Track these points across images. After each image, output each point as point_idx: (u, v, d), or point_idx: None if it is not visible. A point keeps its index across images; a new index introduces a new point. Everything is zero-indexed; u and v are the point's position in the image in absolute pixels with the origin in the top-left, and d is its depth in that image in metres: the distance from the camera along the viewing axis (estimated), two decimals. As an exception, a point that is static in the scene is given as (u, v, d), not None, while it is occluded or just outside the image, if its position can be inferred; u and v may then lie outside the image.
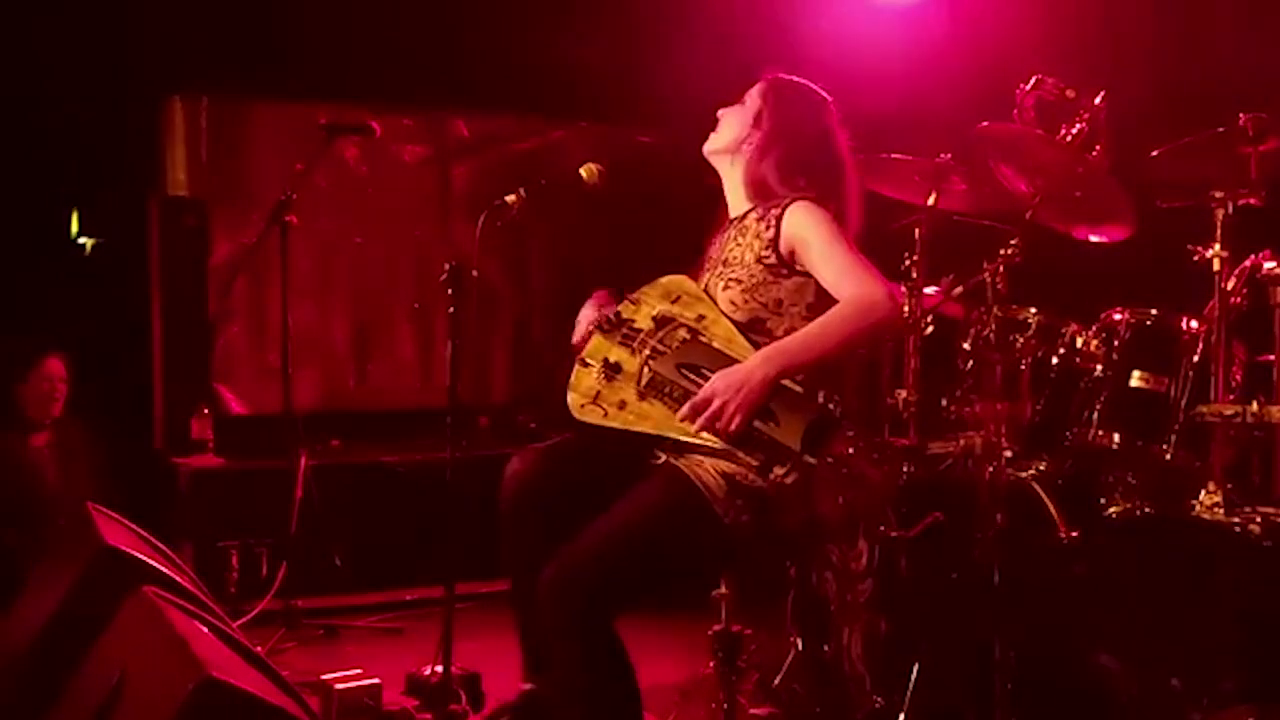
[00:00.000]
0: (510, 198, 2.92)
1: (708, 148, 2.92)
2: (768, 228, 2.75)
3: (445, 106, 5.94)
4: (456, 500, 3.20)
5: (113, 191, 5.23)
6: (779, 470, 2.50)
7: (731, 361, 2.62)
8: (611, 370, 2.74)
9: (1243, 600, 2.77)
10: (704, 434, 2.57)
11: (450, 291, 3.16)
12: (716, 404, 2.54)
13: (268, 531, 4.66)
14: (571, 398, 2.77)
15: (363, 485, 5.01)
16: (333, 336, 5.79)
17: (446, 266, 3.19)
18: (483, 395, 5.89)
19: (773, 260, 2.73)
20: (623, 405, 2.70)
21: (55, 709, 2.38)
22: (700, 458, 2.61)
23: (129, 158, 5.26)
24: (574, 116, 5.93)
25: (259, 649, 2.72)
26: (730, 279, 2.76)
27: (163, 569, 2.62)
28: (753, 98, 2.90)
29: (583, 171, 2.90)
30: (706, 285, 2.84)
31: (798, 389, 2.56)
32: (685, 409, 2.58)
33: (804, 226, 2.71)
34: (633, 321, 2.80)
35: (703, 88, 3.22)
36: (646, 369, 2.71)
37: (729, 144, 2.89)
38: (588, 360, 2.79)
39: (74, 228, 5.35)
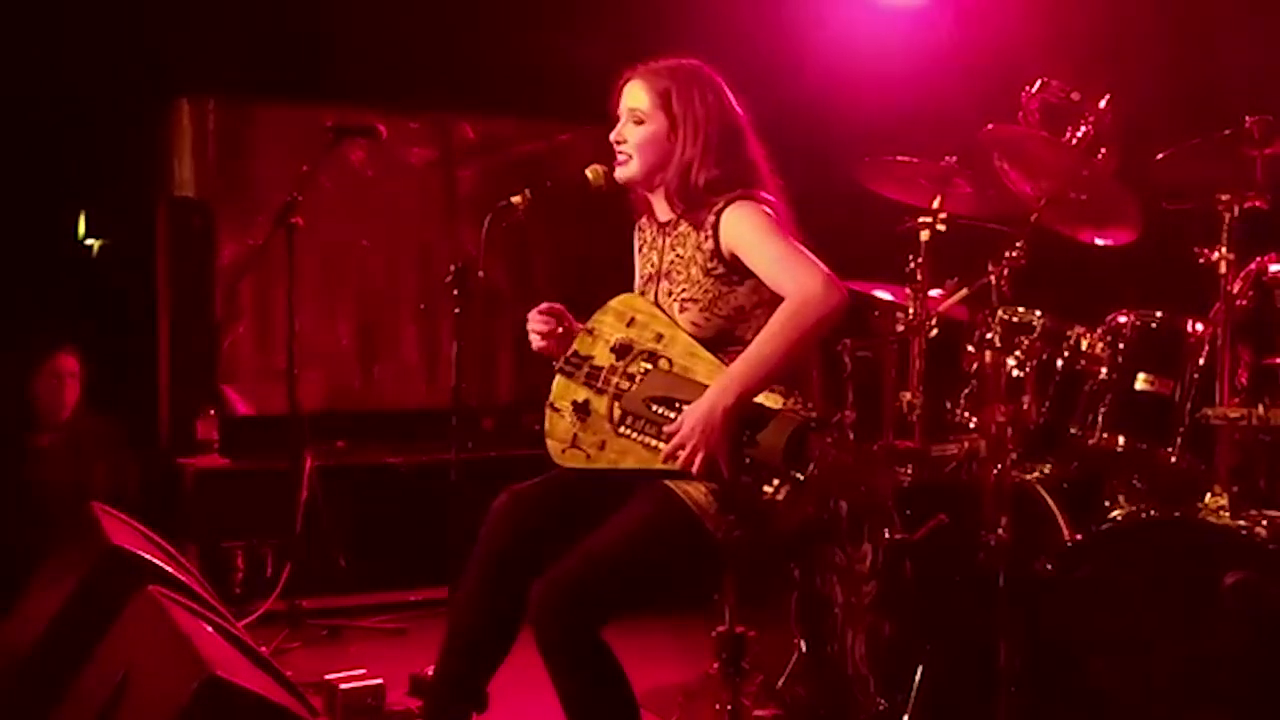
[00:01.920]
0: (516, 199, 2.91)
1: (626, 177, 2.78)
2: (706, 238, 2.68)
3: (451, 109, 5.94)
4: (460, 501, 3.20)
5: (119, 193, 5.25)
6: (768, 489, 2.49)
7: (694, 385, 2.58)
8: (582, 412, 2.70)
9: (1248, 603, 2.76)
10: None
11: (456, 293, 3.16)
12: (688, 448, 2.51)
13: (272, 532, 4.67)
14: (550, 444, 2.74)
15: (367, 486, 5.02)
16: (338, 338, 5.80)
17: (452, 268, 3.20)
18: (487, 397, 5.90)
19: (720, 270, 2.67)
20: (603, 445, 2.67)
21: (59, 708, 2.39)
22: (688, 478, 2.59)
23: (136, 159, 5.28)
24: (579, 118, 5.93)
25: (263, 649, 2.73)
26: (685, 299, 2.70)
27: (167, 568, 2.63)
28: (646, 111, 2.74)
29: (588, 173, 2.89)
30: (656, 299, 2.78)
31: (769, 404, 2.53)
32: (662, 457, 2.55)
33: (738, 227, 2.65)
34: (592, 358, 2.75)
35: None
36: (615, 407, 2.67)
37: (652, 172, 2.76)
38: (557, 405, 2.75)
39: (81, 229, 5.36)
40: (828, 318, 2.54)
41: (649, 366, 2.68)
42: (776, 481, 2.48)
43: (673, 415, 2.57)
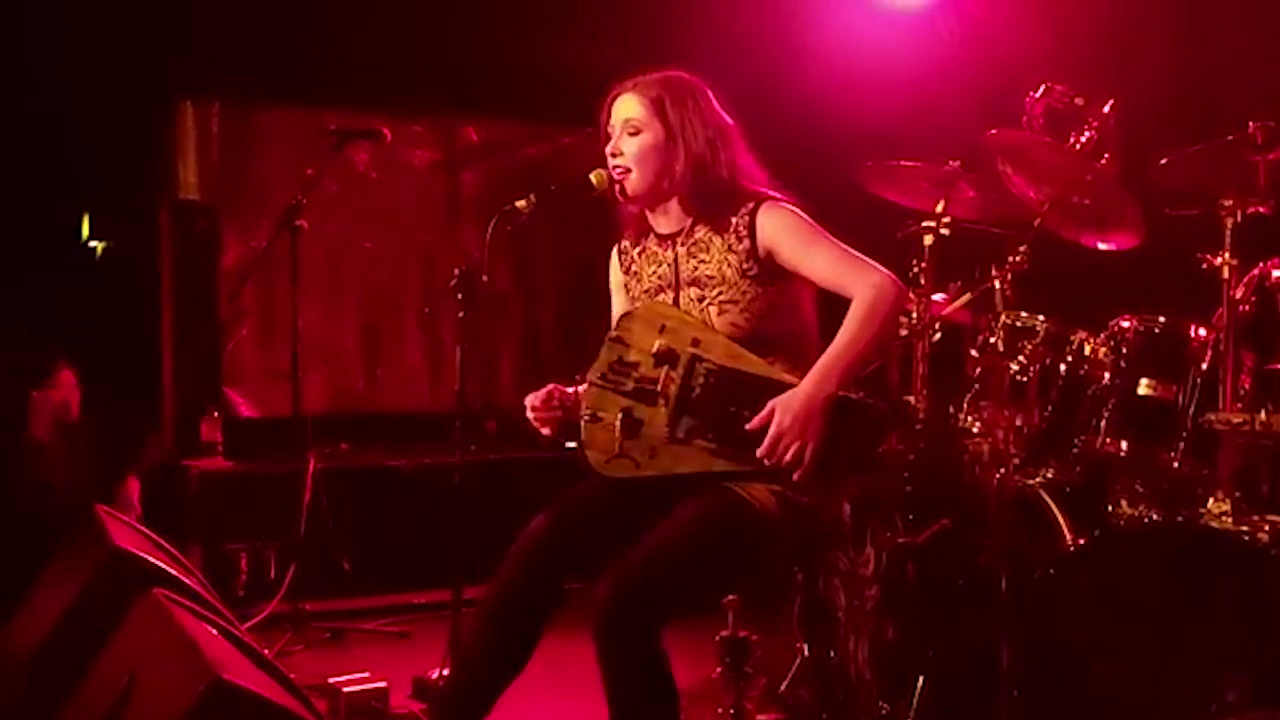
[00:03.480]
0: (520, 203, 2.91)
1: (634, 192, 2.78)
2: (739, 239, 2.71)
3: (455, 112, 5.95)
4: (464, 504, 3.20)
5: (124, 195, 5.25)
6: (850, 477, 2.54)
7: (770, 382, 2.60)
8: (632, 421, 2.67)
9: (1250, 608, 2.76)
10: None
11: (459, 296, 3.17)
12: (788, 440, 2.53)
13: (276, 534, 4.67)
14: (591, 456, 2.69)
15: (371, 489, 5.02)
16: (342, 340, 5.81)
17: (456, 271, 3.21)
18: (491, 399, 5.90)
19: (755, 271, 2.70)
20: (654, 453, 2.65)
21: (65, 710, 2.39)
22: (749, 480, 2.61)
23: (140, 161, 5.28)
24: (583, 122, 5.93)
25: (267, 651, 2.73)
26: (724, 302, 2.72)
27: (172, 571, 2.64)
28: (641, 120, 2.76)
29: (592, 177, 2.89)
30: (678, 305, 2.78)
31: (854, 395, 2.58)
32: (761, 451, 2.55)
33: (779, 229, 2.69)
34: (637, 365, 2.71)
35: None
36: (679, 411, 2.64)
37: (655, 180, 2.77)
38: (599, 415, 2.70)
39: (85, 231, 5.37)
40: (897, 309, 2.69)
41: (709, 368, 2.66)
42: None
43: (747, 414, 2.58)
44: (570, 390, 2.82)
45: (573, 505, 2.75)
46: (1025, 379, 3.33)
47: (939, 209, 3.75)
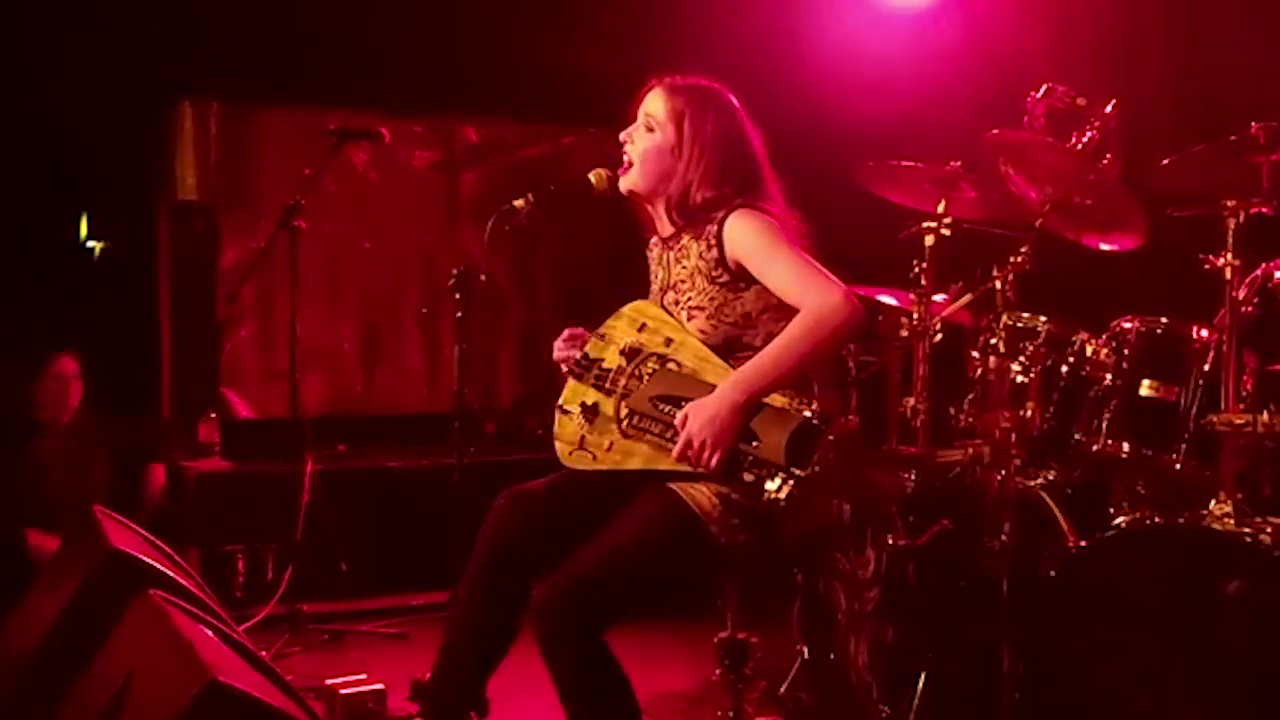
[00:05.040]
0: (519, 203, 2.91)
1: (628, 187, 2.81)
2: (709, 247, 2.70)
3: (454, 112, 5.95)
4: (462, 505, 3.19)
5: (122, 195, 5.25)
6: (771, 488, 2.50)
7: (700, 385, 2.60)
8: (590, 414, 2.71)
9: (1253, 610, 2.75)
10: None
11: (458, 296, 3.17)
12: (696, 443, 2.53)
13: (273, 536, 4.66)
14: (559, 446, 2.75)
15: (368, 490, 5.01)
16: (340, 341, 5.80)
17: (454, 271, 3.20)
18: (489, 400, 5.90)
19: (725, 279, 2.69)
20: (610, 447, 2.68)
21: (60, 711, 2.38)
22: (693, 480, 2.60)
23: (139, 162, 5.28)
24: (583, 122, 5.94)
25: (264, 653, 2.72)
26: (692, 307, 2.73)
27: (169, 572, 2.62)
28: (659, 120, 2.77)
29: (591, 177, 2.89)
30: (664, 308, 2.80)
31: (772, 402, 2.55)
32: (675, 454, 2.56)
33: (743, 238, 2.66)
34: (602, 361, 2.76)
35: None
36: (623, 407, 2.68)
37: (653, 183, 2.78)
38: (566, 407, 2.76)
39: (83, 231, 5.36)
40: (844, 332, 2.58)
41: (657, 368, 2.69)
42: (780, 479, 2.49)
43: (676, 413, 2.58)
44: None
45: (536, 500, 2.76)
46: (1027, 380, 3.31)
47: (940, 209, 3.74)
